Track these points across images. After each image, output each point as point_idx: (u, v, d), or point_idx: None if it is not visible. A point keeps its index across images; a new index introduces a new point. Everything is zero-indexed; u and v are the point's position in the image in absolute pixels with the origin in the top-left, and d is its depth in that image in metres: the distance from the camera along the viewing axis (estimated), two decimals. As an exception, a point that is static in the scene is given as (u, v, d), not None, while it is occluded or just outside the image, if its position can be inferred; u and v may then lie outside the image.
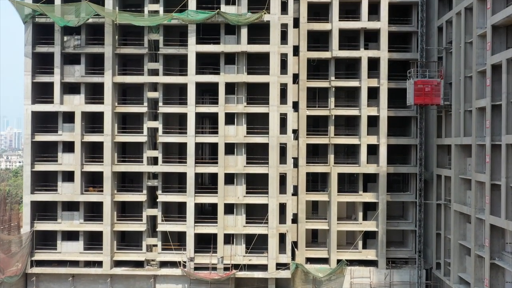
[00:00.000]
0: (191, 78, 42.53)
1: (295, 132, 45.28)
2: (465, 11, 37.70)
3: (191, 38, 42.41)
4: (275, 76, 42.43)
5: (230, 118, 43.09)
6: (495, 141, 32.85)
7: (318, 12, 46.83)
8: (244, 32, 42.30)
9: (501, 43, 33.07)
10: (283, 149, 43.55)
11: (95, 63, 44.20)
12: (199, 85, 43.78)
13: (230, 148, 43.10)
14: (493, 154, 33.07)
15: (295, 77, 45.05)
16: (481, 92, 35.38)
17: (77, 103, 43.39)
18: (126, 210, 45.73)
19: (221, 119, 42.66)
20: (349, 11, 46.66)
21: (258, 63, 43.71)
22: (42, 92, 44.04)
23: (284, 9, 43.80)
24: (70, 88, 44.78)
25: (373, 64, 45.17)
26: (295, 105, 45.11)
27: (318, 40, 46.83)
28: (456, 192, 38.79)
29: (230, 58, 43.24)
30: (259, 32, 43.23)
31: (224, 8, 42.67)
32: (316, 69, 46.34)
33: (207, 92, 47.14)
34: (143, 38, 43.75)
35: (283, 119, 43.45)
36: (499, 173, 32.47)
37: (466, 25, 37.65)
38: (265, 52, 42.58)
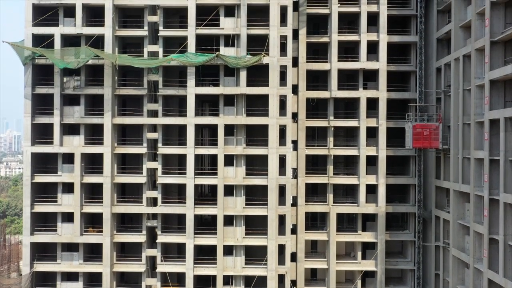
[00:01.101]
0: (191, 120, 42.64)
1: (294, 170, 45.40)
2: (463, 58, 37.86)
3: (191, 81, 42.54)
4: (274, 119, 42.57)
5: (230, 160, 43.21)
6: (493, 195, 32.98)
7: (317, 50, 47.04)
8: (243, 74, 42.42)
9: (499, 97, 33.21)
10: (282, 188, 43.62)
11: (95, 104, 44.31)
12: (198, 125, 43.89)
13: (229, 190, 43.21)
14: (491, 208, 33.19)
15: (294, 116, 45.26)
16: (479, 142, 35.49)
17: (76, 144, 43.48)
18: (125, 250, 45.79)
19: (220, 161, 42.77)
20: (348, 49, 46.87)
21: (257, 103, 43.81)
22: (42, 133, 44.14)
23: (283, 49, 43.92)
24: (70, 128, 44.82)
25: (372, 103, 45.31)
26: (294, 144, 45.24)
27: (317, 78, 46.96)
28: (454, 237, 38.91)
29: (230, 99, 43.35)
30: (258, 73, 43.36)
31: (223, 50, 42.81)
32: (315, 108, 46.48)
33: (206, 128, 47.40)
34: (143, 78, 43.89)
35: (282, 159, 43.55)
36: (497, 227, 32.60)
37: (464, 72, 37.81)
38: (264, 94, 42.68)
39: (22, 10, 43.55)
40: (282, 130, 43.72)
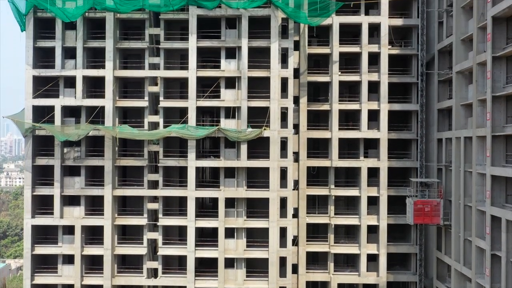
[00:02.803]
0: (191, 194, 42.53)
1: (295, 237, 45.25)
2: (464, 139, 37.75)
3: (191, 154, 42.42)
4: (275, 192, 42.48)
5: (230, 232, 43.12)
6: (494, 288, 32.93)
7: (318, 116, 46.95)
8: (244, 147, 42.31)
9: (501, 191, 33.07)
10: (283, 259, 43.47)
11: (95, 174, 44.22)
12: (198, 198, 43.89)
13: (230, 262, 43.10)
14: (493, 302, 33.11)
15: (295, 184, 45.20)
16: (481, 230, 35.38)
17: (77, 216, 43.39)
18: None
19: (221, 234, 42.66)
20: (349, 114, 46.80)
21: (258, 173, 43.75)
22: (42, 203, 44.09)
23: (284, 119, 43.83)
24: (70, 198, 44.71)
25: (373, 170, 45.23)
26: (295, 211, 45.12)
27: (318, 145, 46.84)
28: (456, 315, 38.82)
29: (230, 171, 43.26)
30: (259, 145, 43.26)
31: (224, 122, 42.74)
32: (316, 175, 46.39)
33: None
34: (143, 149, 43.80)
35: (283, 228, 43.40)
36: (499, 322, 32.51)
37: (465, 153, 37.70)
38: (265, 167, 42.62)
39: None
40: (283, 200, 43.62)
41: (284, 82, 43.53)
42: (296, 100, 45.12)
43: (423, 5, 43.05)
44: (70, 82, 43.83)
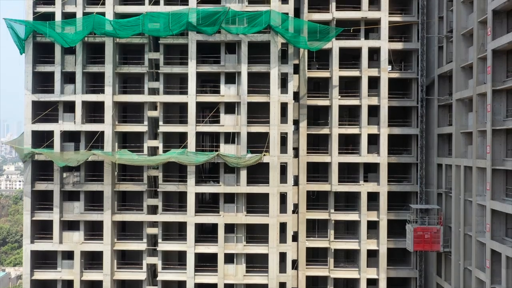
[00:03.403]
0: (190, 220, 42.46)
1: (294, 261, 45.17)
2: (464, 168, 37.68)
3: (191, 179, 42.35)
4: (274, 218, 42.40)
5: (230, 257, 43.05)
6: (494, 322, 32.81)
7: (318, 142, 46.84)
8: (243, 173, 42.22)
9: (501, 224, 32.98)
10: (282, 284, 43.32)
11: (94, 199, 44.14)
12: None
13: (230, 286, 43.06)
14: (493, 336, 33.01)
15: (295, 207, 45.14)
16: (481, 261, 35.29)
17: (76, 241, 43.30)
18: None
19: (220, 260, 42.60)
20: (349, 138, 46.69)
21: (258, 198, 43.68)
22: (41, 228, 44.04)
23: (283, 143, 43.75)
24: (70, 223, 44.61)
25: (373, 194, 45.15)
26: (295, 235, 45.04)
27: (318, 169, 46.74)
28: None
29: (230, 196, 43.18)
30: (259, 170, 43.17)
31: (223, 147, 42.67)
32: (316, 199, 46.33)
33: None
34: (143, 173, 43.71)
35: (283, 254, 43.30)
36: None
37: (466, 182, 37.62)
38: (265, 193, 42.56)
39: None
40: (283, 224, 43.52)
41: (284, 106, 43.44)
42: (296, 122, 45.05)
43: (423, 31, 42.95)
44: (69, 106, 43.77)
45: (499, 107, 32.99)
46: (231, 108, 42.99)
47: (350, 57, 47.43)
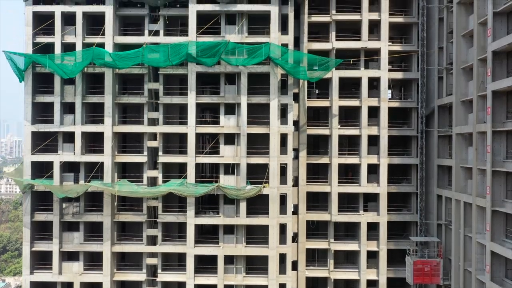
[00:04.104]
0: (190, 251, 42.47)
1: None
2: (464, 204, 37.63)
3: (190, 211, 42.34)
4: (274, 250, 42.39)
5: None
6: None
7: (318, 171, 46.78)
8: (243, 205, 42.19)
9: (501, 266, 32.92)
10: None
11: (94, 230, 44.10)
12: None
13: (229, 318, 43.13)
14: None
15: (295, 236, 45.10)
16: (480, 297, 35.33)
17: (76, 271, 43.28)
18: None
19: (220, 291, 42.64)
20: (349, 166, 46.64)
21: (257, 229, 43.64)
22: (41, 259, 44.01)
23: (283, 173, 43.70)
24: (69, 252, 44.57)
25: (373, 224, 45.11)
26: (294, 264, 45.01)
27: (317, 199, 46.71)
28: None
29: (230, 227, 43.13)
30: (258, 201, 43.18)
31: (223, 178, 42.62)
32: (316, 228, 46.30)
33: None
34: (142, 204, 43.67)
35: (283, 285, 43.24)
36: None
37: (465, 219, 37.59)
38: (265, 224, 42.53)
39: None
40: (283, 255, 43.43)
41: (284, 136, 43.37)
42: (296, 149, 44.99)
43: (422, 63, 42.90)
44: (69, 136, 43.72)
45: (499, 147, 32.90)
46: (230, 138, 42.94)
47: (350, 85, 47.44)
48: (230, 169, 42.84)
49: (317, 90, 47.91)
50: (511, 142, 32.64)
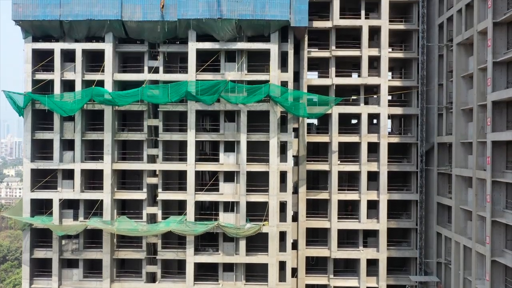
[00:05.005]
0: (190, 290, 42.49)
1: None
2: (464, 248, 37.60)
3: (190, 249, 42.29)
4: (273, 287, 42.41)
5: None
6: None
7: (317, 206, 46.76)
8: (242, 243, 42.15)
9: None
10: None
11: (93, 266, 44.06)
12: None
13: None
14: None
15: (294, 271, 45.07)
16: None
17: (75, 310, 43.30)
18: None
19: (220, 326, 42.61)
20: (349, 201, 46.61)
21: (257, 266, 43.60)
22: (40, 294, 44.04)
23: (282, 209, 43.63)
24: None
25: (372, 261, 45.12)
26: None
27: (317, 234, 46.69)
28: None
29: (229, 265, 43.09)
30: (258, 238, 43.11)
31: (222, 216, 42.58)
32: (316, 264, 46.33)
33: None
34: (142, 241, 43.62)
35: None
36: None
37: (465, 262, 37.56)
38: (264, 263, 42.50)
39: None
40: (282, 291, 43.48)
41: (283, 172, 43.34)
42: (295, 182, 45.00)
43: (422, 101, 42.89)
44: (68, 172, 43.70)
45: (499, 196, 32.90)
46: (230, 176, 42.89)
47: (349, 119, 47.40)
48: (230, 206, 42.80)
49: (317, 121, 47.93)
50: (511, 192, 32.63)
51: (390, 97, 46.54)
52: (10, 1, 41.75)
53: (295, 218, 45.15)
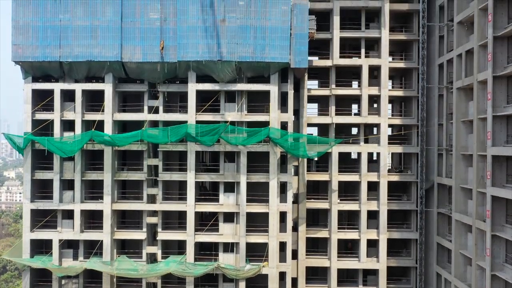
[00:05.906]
0: (189, 330, 42.47)
1: None
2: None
3: (189, 290, 42.36)
4: (273, 326, 42.40)
5: None
6: None
7: (317, 244, 46.73)
8: (242, 284, 42.12)
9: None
10: None
11: (93, 305, 44.16)
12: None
13: None
14: None
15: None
16: None
17: None
18: None
19: None
20: (349, 239, 46.62)
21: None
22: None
23: (282, 248, 43.59)
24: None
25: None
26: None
27: (316, 273, 46.72)
28: None
29: (229, 303, 43.26)
30: (256, 277, 43.10)
31: (222, 256, 42.58)
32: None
33: None
34: (141, 280, 43.58)
35: None
36: None
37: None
38: (264, 303, 42.58)
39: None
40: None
41: (283, 213, 43.32)
42: (295, 221, 44.99)
43: (422, 143, 42.86)
44: (68, 212, 43.69)
45: (499, 250, 32.89)
46: (230, 217, 42.88)
47: (350, 154, 47.37)
48: (230, 247, 42.79)
49: (317, 158, 47.93)
50: (511, 246, 32.62)
51: (390, 131, 46.54)
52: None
53: (294, 255, 45.11)
